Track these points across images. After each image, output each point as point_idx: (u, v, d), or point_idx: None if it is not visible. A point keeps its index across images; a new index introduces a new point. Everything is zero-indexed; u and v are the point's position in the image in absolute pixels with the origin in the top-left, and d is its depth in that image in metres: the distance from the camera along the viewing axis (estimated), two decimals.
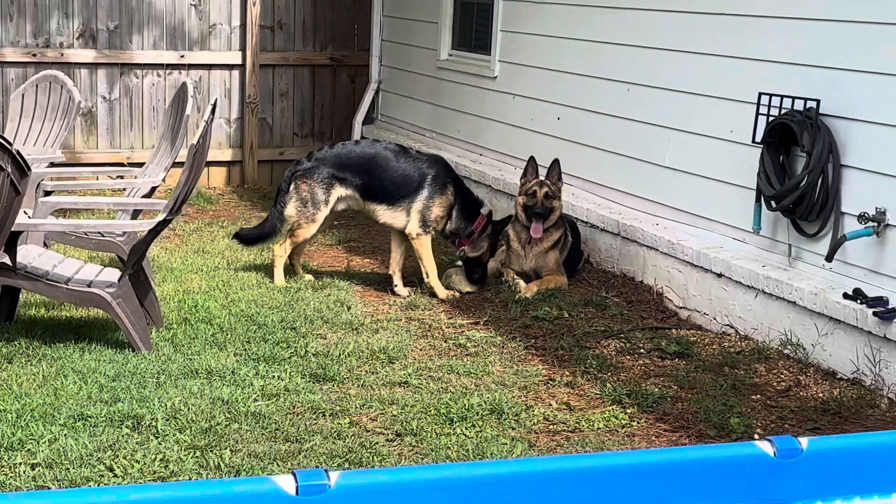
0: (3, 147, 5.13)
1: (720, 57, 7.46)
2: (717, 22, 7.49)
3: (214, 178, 11.78)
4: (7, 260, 5.98)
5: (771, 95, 6.92)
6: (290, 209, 8.05)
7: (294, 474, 2.50)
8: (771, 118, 6.92)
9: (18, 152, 5.12)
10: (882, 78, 6.36)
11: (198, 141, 6.21)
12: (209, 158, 11.53)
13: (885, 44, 6.32)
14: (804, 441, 2.78)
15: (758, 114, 7.00)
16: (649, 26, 8.12)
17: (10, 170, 5.16)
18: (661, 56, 8.01)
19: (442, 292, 7.87)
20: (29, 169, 5.24)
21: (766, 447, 2.77)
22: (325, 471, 2.52)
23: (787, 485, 2.77)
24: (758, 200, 7.07)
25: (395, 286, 7.98)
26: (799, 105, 6.76)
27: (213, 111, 6.45)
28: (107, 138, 11.41)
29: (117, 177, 9.63)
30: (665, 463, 2.79)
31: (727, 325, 7.24)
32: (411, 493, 2.52)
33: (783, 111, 6.85)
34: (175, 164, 7.56)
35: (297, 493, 2.49)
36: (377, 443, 5.36)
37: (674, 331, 7.24)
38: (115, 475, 4.86)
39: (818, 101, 6.65)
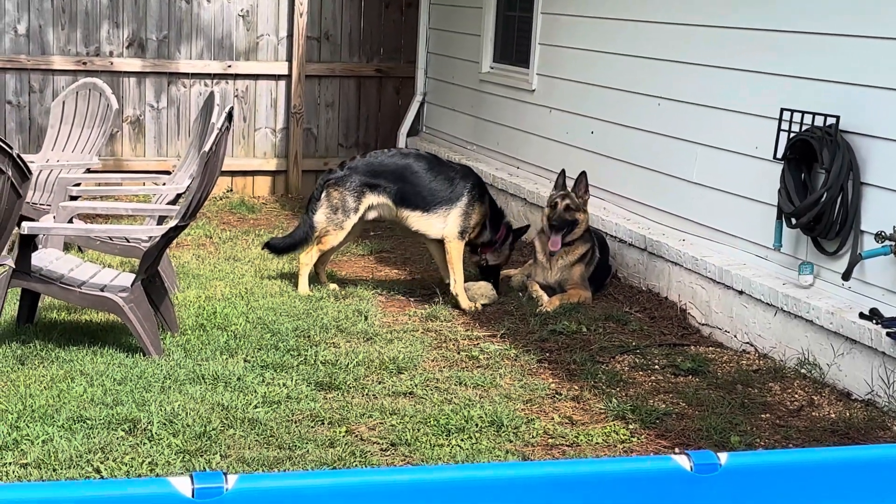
0: (4, 150, 5.21)
1: (745, 72, 7.38)
2: (743, 36, 7.41)
3: (259, 187, 11.87)
4: (10, 262, 6.06)
5: (792, 111, 6.84)
6: (320, 216, 8.10)
7: (191, 476, 2.51)
8: (792, 134, 6.83)
9: (19, 155, 5.19)
10: None
11: (210, 148, 6.25)
12: (254, 168, 11.79)
13: None
14: (724, 456, 2.74)
15: (779, 130, 6.92)
16: (679, 40, 8.06)
17: (10, 173, 5.24)
18: (690, 70, 7.94)
19: (465, 303, 7.85)
20: (30, 172, 5.32)
21: (682, 461, 2.73)
22: (224, 473, 2.52)
23: (705, 500, 2.73)
24: (779, 217, 6.98)
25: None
26: (819, 121, 6.67)
27: (228, 118, 6.48)
28: (154, 146, 11.54)
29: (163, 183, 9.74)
30: (580, 475, 2.76)
31: (747, 342, 7.15)
32: (307, 498, 2.51)
33: (804, 127, 6.76)
34: None
35: (192, 495, 2.49)
36: (369, 452, 5.36)
37: (692, 348, 7.17)
38: (102, 476, 4.91)
39: (838, 118, 6.55)
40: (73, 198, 7.64)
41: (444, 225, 8.02)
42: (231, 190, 11.72)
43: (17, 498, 2.40)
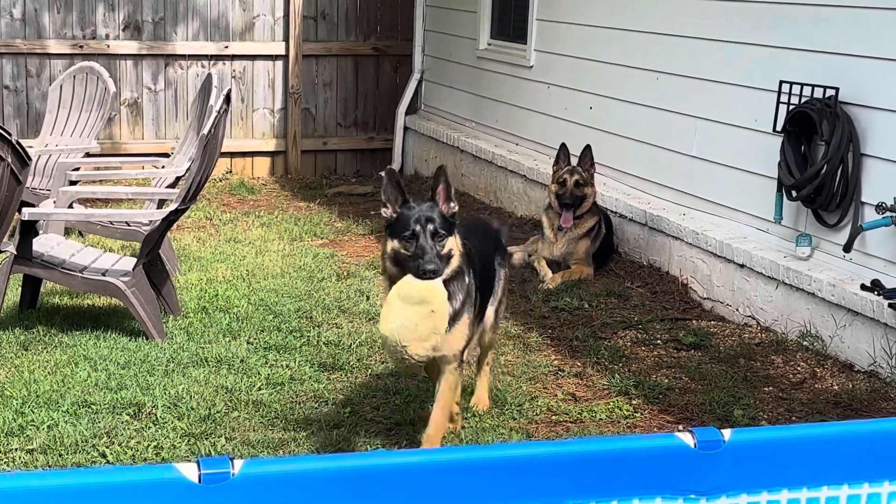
0: (3, 137, 5.20)
1: (743, 44, 7.37)
2: (741, 9, 7.39)
3: (259, 168, 11.86)
4: (11, 248, 6.07)
5: (791, 83, 6.82)
6: None
7: (198, 462, 2.51)
8: (791, 107, 6.82)
9: (18, 142, 5.19)
10: None
11: (209, 131, 6.24)
12: (253, 149, 11.78)
13: None
14: (727, 433, 2.74)
15: (778, 102, 6.91)
16: (676, 14, 8.04)
17: (10, 160, 5.23)
18: (688, 44, 7.92)
19: None
20: (29, 159, 5.31)
21: (686, 438, 2.73)
22: (230, 458, 2.52)
23: (709, 477, 2.73)
24: (779, 190, 6.97)
25: None
26: (819, 93, 6.66)
27: (226, 101, 6.47)
28: (152, 129, 11.53)
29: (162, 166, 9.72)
30: (583, 454, 2.76)
31: (749, 316, 7.16)
32: (314, 482, 2.52)
33: (803, 99, 6.75)
34: None
35: (199, 480, 2.50)
36: (374, 432, 5.37)
37: (694, 322, 7.17)
38: (108, 461, 4.92)
39: (837, 89, 6.54)
40: (73, 182, 7.64)
41: None
42: (230, 171, 11.72)
43: (20, 486, 2.40)
